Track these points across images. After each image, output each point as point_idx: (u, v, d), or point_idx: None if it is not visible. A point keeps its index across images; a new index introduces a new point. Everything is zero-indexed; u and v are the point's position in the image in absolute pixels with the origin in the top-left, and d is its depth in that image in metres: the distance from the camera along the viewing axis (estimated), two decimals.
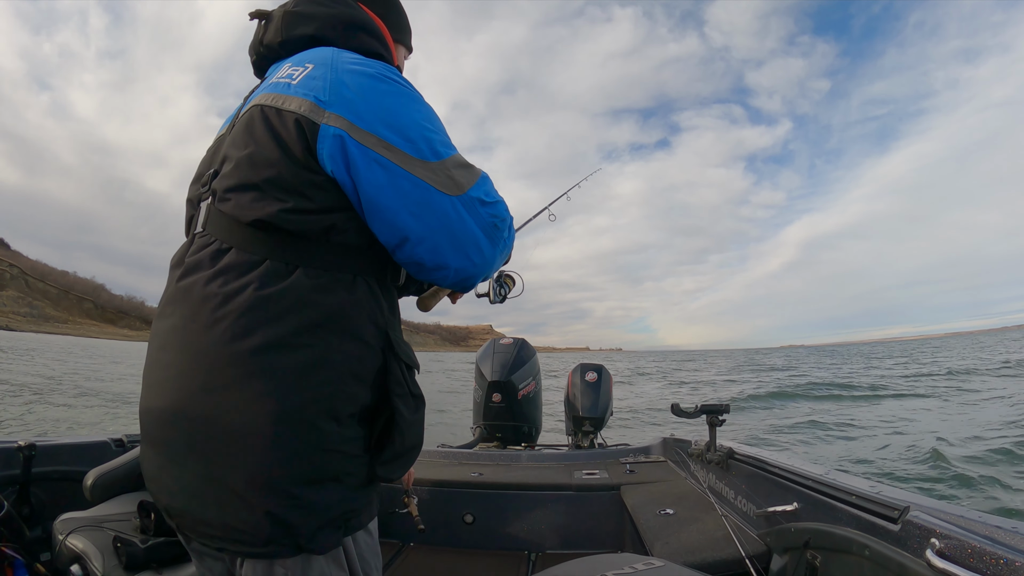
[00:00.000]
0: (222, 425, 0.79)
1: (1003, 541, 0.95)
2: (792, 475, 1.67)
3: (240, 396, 0.79)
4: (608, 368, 3.68)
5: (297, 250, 0.86)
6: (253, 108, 0.91)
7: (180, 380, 0.83)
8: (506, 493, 2.47)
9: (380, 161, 0.85)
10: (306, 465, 0.81)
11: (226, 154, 0.92)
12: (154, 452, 0.88)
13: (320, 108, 0.86)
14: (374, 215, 0.88)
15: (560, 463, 2.84)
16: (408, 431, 0.92)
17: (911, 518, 1.13)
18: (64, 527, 1.62)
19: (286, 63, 0.96)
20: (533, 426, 3.68)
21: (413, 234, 0.89)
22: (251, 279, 0.83)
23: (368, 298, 0.91)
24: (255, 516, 0.80)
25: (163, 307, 0.91)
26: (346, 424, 0.86)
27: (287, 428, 0.80)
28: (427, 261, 0.92)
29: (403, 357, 0.94)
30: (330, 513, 0.85)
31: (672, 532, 1.81)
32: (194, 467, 0.82)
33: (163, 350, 0.87)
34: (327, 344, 0.84)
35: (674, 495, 2.23)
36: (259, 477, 0.79)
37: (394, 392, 0.91)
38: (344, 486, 0.86)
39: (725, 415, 2.17)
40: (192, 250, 0.91)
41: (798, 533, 1.50)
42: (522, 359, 3.65)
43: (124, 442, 2.33)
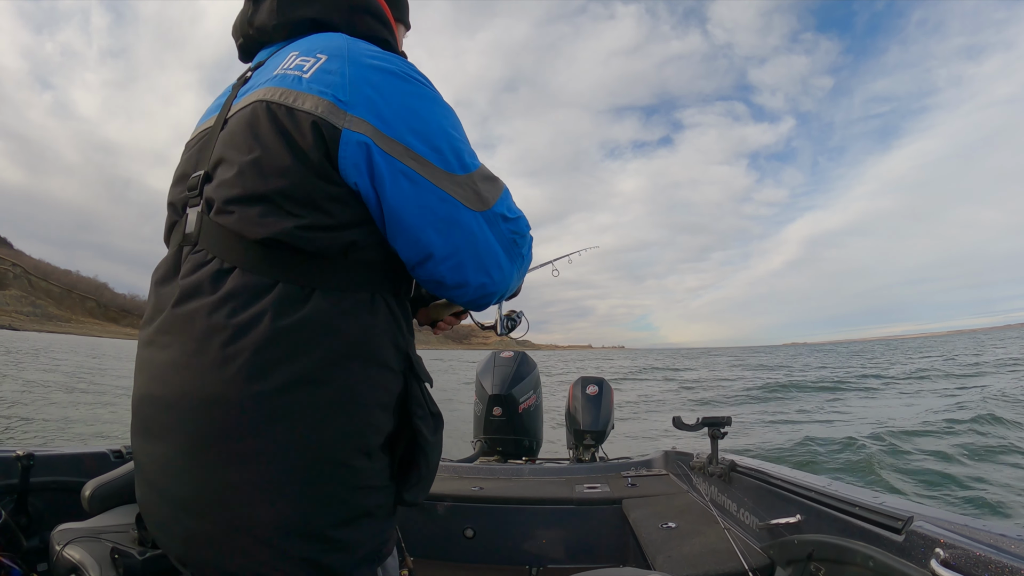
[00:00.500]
0: (246, 474, 0.73)
1: (1008, 549, 0.94)
2: (795, 487, 1.66)
3: (264, 442, 0.72)
4: (608, 382, 3.67)
5: (313, 270, 0.78)
6: (256, 104, 0.81)
7: (191, 425, 0.74)
8: (507, 507, 2.45)
9: (407, 173, 0.78)
10: (341, 506, 0.77)
11: (222, 155, 0.82)
12: (161, 500, 0.79)
13: (340, 110, 0.76)
14: (397, 231, 0.81)
15: (561, 477, 2.81)
16: (431, 453, 0.88)
17: (915, 528, 1.12)
18: (62, 537, 1.61)
19: (291, 51, 0.85)
20: (534, 440, 3.66)
21: (438, 252, 0.82)
22: (264, 307, 0.75)
23: (388, 318, 0.84)
24: (290, 564, 0.74)
25: (155, 335, 0.81)
26: (376, 457, 0.81)
27: (319, 471, 0.75)
28: (448, 279, 0.86)
29: (422, 376, 0.89)
30: (365, 549, 0.81)
31: (674, 546, 1.80)
32: (214, 517, 0.74)
33: (162, 385, 0.78)
34: (353, 375, 0.78)
35: (676, 508, 2.21)
36: (292, 524, 0.74)
37: (415, 415, 0.86)
38: (376, 519, 0.82)
39: (727, 428, 2.16)
40: (186, 269, 0.81)
41: (801, 545, 1.49)
42: (523, 373, 3.64)
43: (123, 453, 2.32)
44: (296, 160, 0.76)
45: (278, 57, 0.87)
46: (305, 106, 0.77)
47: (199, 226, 0.82)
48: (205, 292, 0.77)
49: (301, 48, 0.85)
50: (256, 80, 0.87)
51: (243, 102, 0.85)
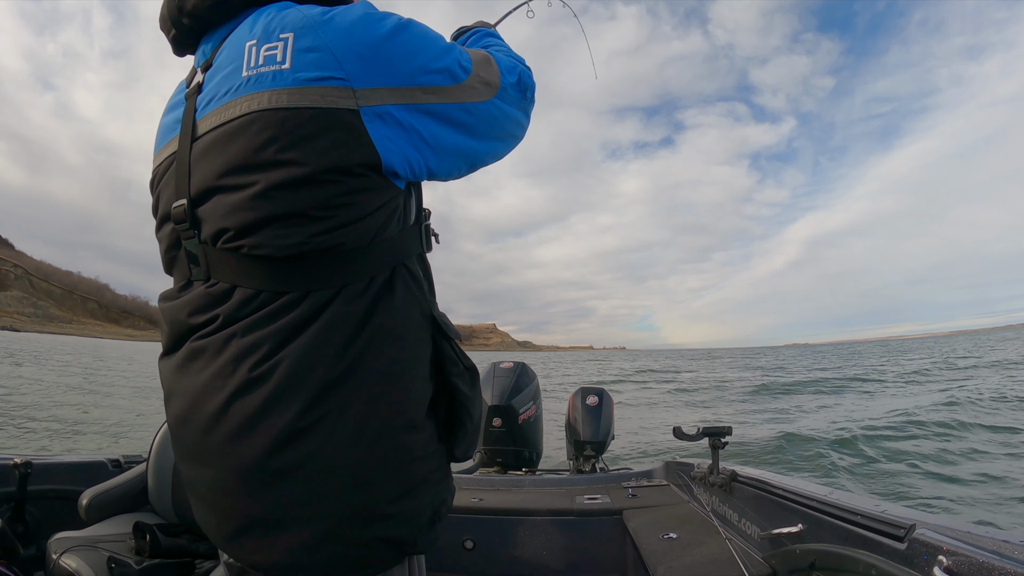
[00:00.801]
0: (299, 482, 0.74)
1: (1010, 555, 0.94)
2: (796, 496, 1.65)
3: (313, 446, 0.74)
4: (609, 394, 3.67)
5: (341, 268, 0.76)
6: (245, 118, 0.73)
7: (235, 446, 0.75)
8: (507, 519, 2.43)
9: (428, 110, 0.78)
10: (399, 482, 0.79)
11: (215, 183, 0.75)
12: (222, 519, 0.80)
13: (347, 88, 0.72)
14: (441, 159, 0.82)
15: (561, 488, 2.80)
16: (473, 408, 0.90)
17: (917, 536, 1.12)
18: (58, 546, 1.60)
19: (245, 42, 0.77)
20: (534, 451, 3.64)
21: (475, 153, 0.86)
22: (294, 320, 0.74)
23: (410, 287, 0.84)
24: (358, 546, 0.78)
25: (184, 362, 0.80)
26: (422, 426, 0.83)
27: (371, 460, 0.77)
28: (488, 163, 0.91)
29: (450, 334, 0.89)
30: (427, 514, 0.84)
31: (675, 557, 1.78)
32: (273, 523, 0.76)
33: (200, 410, 0.77)
34: (387, 359, 0.78)
35: (677, 519, 2.20)
36: (355, 511, 0.77)
37: (451, 373, 0.87)
38: (432, 484, 0.85)
39: (727, 437, 2.15)
40: (203, 302, 0.79)
41: (803, 554, 1.48)
42: (522, 383, 3.64)
43: (120, 462, 2.31)
44: (317, 168, 0.71)
45: (231, 51, 0.79)
46: (306, 101, 0.71)
47: (205, 259, 0.79)
48: (230, 319, 0.76)
49: (256, 35, 0.77)
50: (216, 86, 0.79)
51: (216, 117, 0.77)
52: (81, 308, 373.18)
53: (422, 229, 0.89)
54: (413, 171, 0.80)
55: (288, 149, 0.71)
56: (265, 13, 0.79)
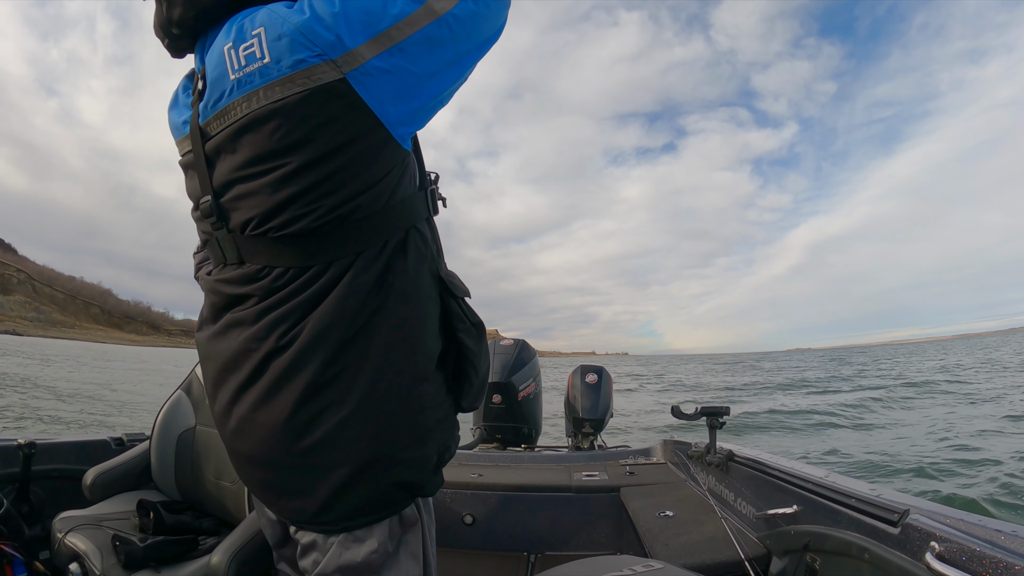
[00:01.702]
0: (322, 430, 0.82)
1: (1003, 544, 0.95)
2: (792, 477, 1.67)
3: (333, 397, 0.81)
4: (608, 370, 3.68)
5: (360, 235, 0.82)
6: (250, 118, 0.78)
7: (264, 400, 0.83)
8: (506, 494, 2.47)
9: (409, 42, 0.76)
10: (409, 432, 0.87)
11: (231, 179, 0.83)
12: (253, 467, 0.90)
13: (327, 63, 0.74)
14: (433, 82, 0.81)
15: (560, 464, 2.83)
16: (479, 363, 0.97)
17: (911, 521, 1.13)
18: (63, 525, 1.62)
19: (224, 46, 0.81)
20: (533, 427, 3.67)
21: (468, 55, 0.83)
22: (319, 289, 0.81)
23: (421, 248, 0.89)
24: (378, 490, 0.85)
25: (223, 328, 0.88)
26: (432, 379, 0.90)
27: (386, 411, 0.84)
28: (487, 49, 0.87)
29: (457, 293, 0.94)
30: (434, 459, 0.91)
31: (672, 534, 1.81)
32: (302, 473, 0.85)
33: (232, 371, 0.87)
34: (398, 317, 0.85)
35: (674, 497, 2.22)
36: (373, 458, 0.84)
37: (458, 329, 0.93)
38: (440, 431, 0.92)
39: (725, 417, 2.17)
40: (238, 277, 0.86)
41: (798, 536, 1.50)
42: (522, 360, 3.65)
43: (124, 441, 2.33)
44: (323, 144, 0.76)
45: (215, 57, 0.83)
46: (297, 87, 0.75)
47: (236, 246, 0.86)
48: (265, 294, 0.84)
49: (231, 38, 0.80)
50: (211, 92, 0.83)
51: (219, 121, 0.82)
52: (84, 313, 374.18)
53: (427, 193, 0.94)
54: (416, 109, 0.82)
55: (293, 134, 0.76)
56: (239, 16, 0.83)
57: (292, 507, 0.88)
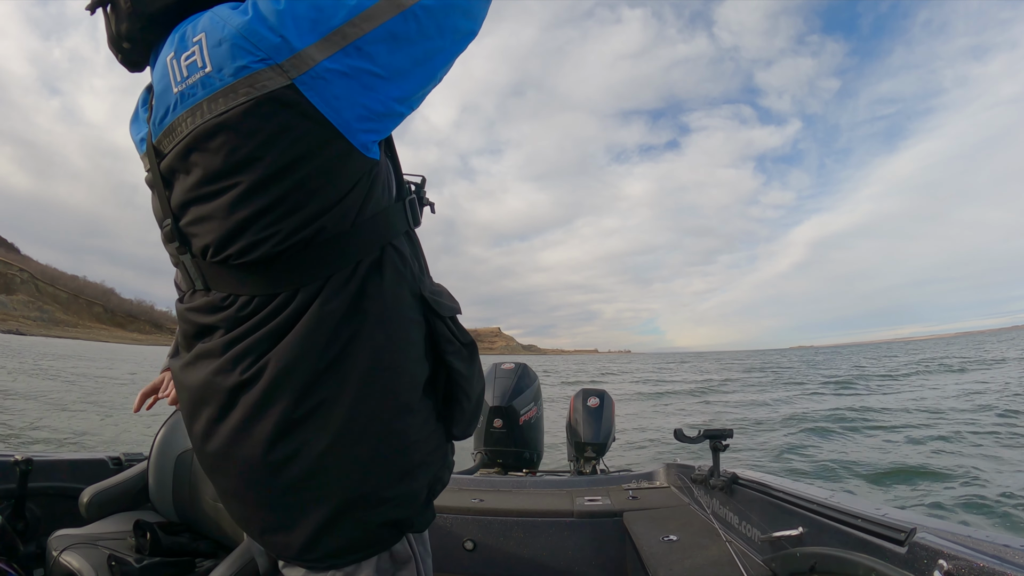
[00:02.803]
0: (299, 467, 0.76)
1: (1011, 560, 0.93)
2: (797, 499, 1.65)
3: (309, 433, 0.76)
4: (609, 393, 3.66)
5: (327, 257, 0.75)
6: (195, 134, 0.71)
7: (236, 436, 0.78)
8: (507, 520, 2.43)
9: (368, 39, 0.67)
10: (394, 468, 0.81)
11: (184, 202, 0.77)
12: (234, 501, 0.84)
13: (272, 68, 0.66)
14: (404, 78, 0.72)
15: (562, 489, 2.79)
16: (470, 387, 0.89)
17: (918, 540, 1.11)
18: (58, 543, 1.60)
19: (166, 57, 0.74)
20: (535, 452, 3.64)
21: (440, 52, 0.73)
22: (286, 319, 0.75)
23: (399, 266, 0.82)
24: (364, 529, 0.80)
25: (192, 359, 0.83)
26: (418, 409, 0.83)
27: (369, 443, 0.78)
28: (461, 50, 0.76)
29: (443, 312, 0.86)
30: (424, 494, 0.85)
31: (676, 559, 1.78)
32: (280, 509, 0.80)
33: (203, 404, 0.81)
34: (375, 345, 0.78)
35: (678, 521, 2.19)
36: (357, 497, 0.78)
37: (446, 351, 0.86)
38: (429, 465, 0.86)
39: (728, 440, 2.15)
40: (204, 306, 0.81)
41: (804, 558, 1.47)
42: (523, 385, 3.64)
43: (121, 460, 2.32)
44: (274, 160, 0.69)
45: (159, 70, 0.77)
46: (239, 98, 0.68)
47: (200, 272, 0.81)
48: (231, 324, 0.78)
49: (173, 46, 0.74)
50: (157, 108, 0.77)
51: (169, 139, 0.76)
52: (87, 312, 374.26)
53: (406, 204, 0.86)
54: (378, 113, 0.72)
55: (241, 150, 0.69)
56: (183, 24, 0.75)
57: (276, 542, 0.82)
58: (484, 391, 0.94)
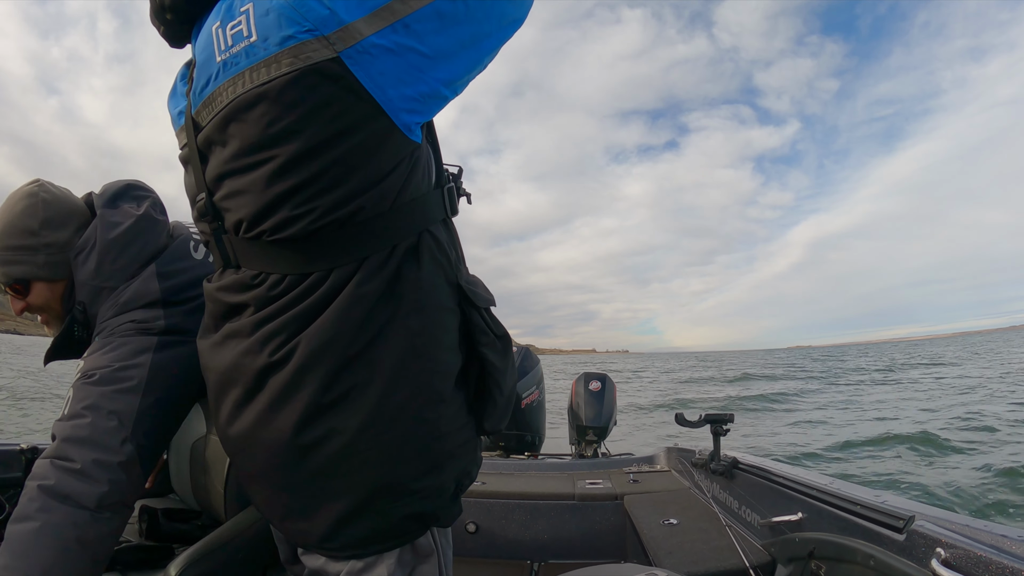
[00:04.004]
0: (326, 453, 0.75)
1: (1009, 550, 0.93)
2: (797, 485, 1.65)
3: (336, 420, 0.74)
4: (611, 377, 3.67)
5: (363, 238, 0.74)
6: (235, 104, 0.71)
7: (264, 419, 0.77)
8: (509, 502, 2.46)
9: (415, 18, 0.66)
10: (425, 457, 0.79)
11: (220, 173, 0.76)
12: (257, 485, 0.84)
13: (319, 39, 0.65)
14: (448, 61, 0.71)
15: (563, 472, 2.82)
16: (503, 380, 0.86)
17: (916, 527, 1.11)
18: None
19: (212, 26, 0.73)
20: (536, 435, 3.66)
21: (487, 37, 0.72)
22: (318, 299, 0.73)
23: (436, 253, 0.80)
24: (388, 521, 0.78)
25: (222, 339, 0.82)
26: (450, 400, 0.81)
27: (398, 432, 0.76)
28: (507, 37, 0.75)
29: (479, 302, 0.84)
30: (451, 488, 0.83)
31: (676, 542, 1.79)
32: (304, 495, 0.78)
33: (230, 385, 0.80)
34: (410, 331, 0.76)
35: (678, 505, 2.21)
36: (383, 486, 0.77)
37: (480, 342, 0.83)
38: (459, 458, 0.83)
39: (729, 424, 2.15)
40: (234, 284, 0.80)
41: (802, 543, 1.48)
42: (525, 368, 3.64)
43: None
44: (315, 133, 0.68)
45: (203, 40, 0.76)
46: (283, 68, 0.66)
47: (231, 248, 0.80)
48: (261, 303, 0.77)
49: (220, 16, 0.73)
50: (199, 78, 0.77)
51: (208, 110, 0.75)
52: None
53: (444, 192, 0.84)
54: (423, 95, 0.72)
55: (281, 122, 0.68)
56: None
57: (296, 529, 0.82)
58: (516, 385, 0.91)
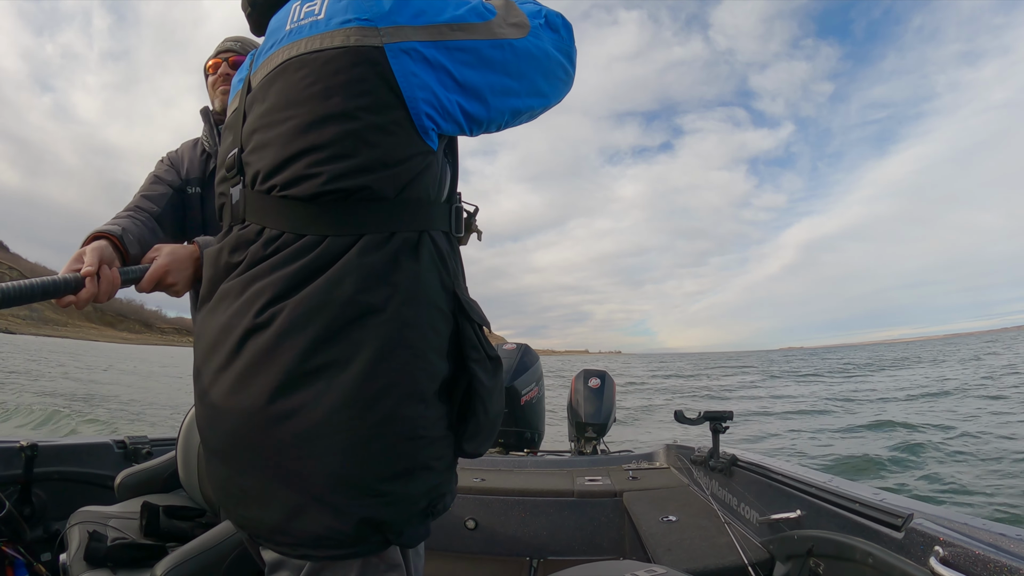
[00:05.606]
0: (293, 429, 0.72)
1: (1007, 548, 0.94)
2: (795, 482, 1.65)
3: (308, 394, 0.72)
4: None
5: (362, 217, 0.77)
6: (281, 66, 0.80)
7: (241, 384, 0.76)
8: (509, 499, 2.46)
9: (457, 46, 0.78)
10: (395, 458, 0.75)
11: (254, 127, 0.82)
12: (218, 461, 0.82)
13: (372, 28, 0.75)
14: (478, 100, 0.81)
15: (563, 469, 2.82)
16: (490, 400, 0.84)
17: (915, 525, 1.12)
18: (75, 518, 1.63)
19: (294, 4, 0.84)
20: (536, 432, 3.66)
21: (514, 93, 0.84)
22: (307, 263, 0.75)
23: (434, 257, 0.81)
24: (343, 521, 0.73)
25: (213, 304, 0.83)
26: (431, 404, 0.78)
27: (367, 422, 0.73)
28: (537, 108, 0.89)
29: (474, 317, 0.84)
30: (421, 504, 0.79)
31: (675, 539, 1.80)
32: (263, 476, 0.76)
33: (215, 351, 0.80)
34: (399, 319, 0.75)
35: (677, 502, 2.21)
36: (344, 479, 0.73)
37: (470, 358, 0.82)
38: (434, 472, 0.79)
39: (728, 422, 2.16)
40: (234, 242, 0.82)
41: (801, 540, 1.49)
42: (525, 365, 3.64)
43: (126, 443, 2.34)
44: (341, 103, 0.75)
45: (281, 14, 0.87)
46: (335, 42, 0.76)
47: (243, 202, 0.84)
48: (254, 260, 0.79)
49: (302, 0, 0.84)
50: (266, 43, 0.88)
51: (264, 69, 0.85)
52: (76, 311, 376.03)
53: (452, 209, 0.88)
54: (444, 109, 0.79)
55: (317, 85, 0.76)
56: None
57: (249, 516, 0.79)
58: (503, 412, 0.89)
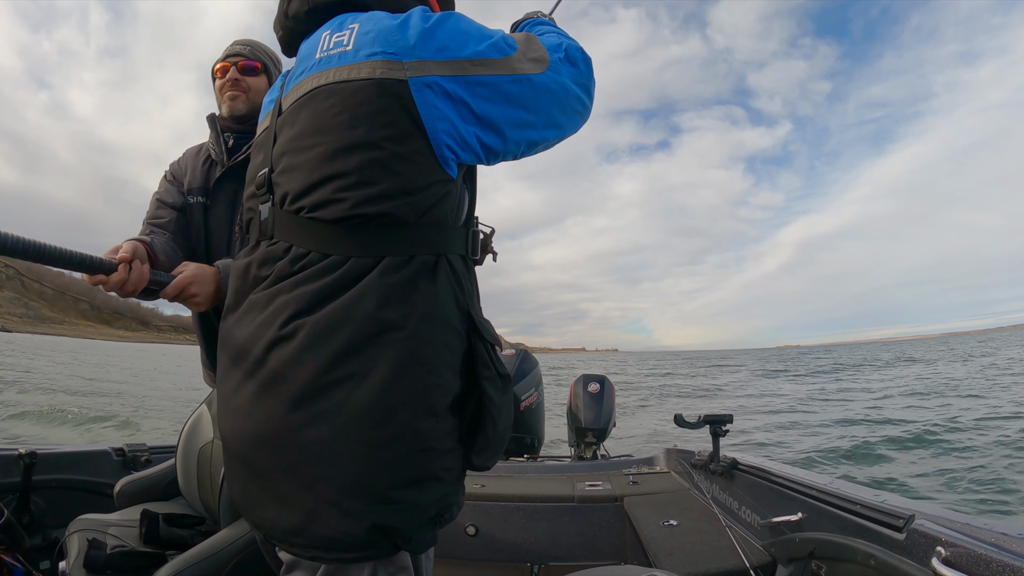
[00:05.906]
0: (312, 437, 0.77)
1: (1009, 548, 0.94)
2: (796, 485, 1.66)
3: (330, 404, 0.77)
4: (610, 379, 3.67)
5: (384, 240, 0.81)
6: (311, 93, 0.85)
7: (263, 391, 0.80)
8: (509, 505, 2.45)
9: (478, 81, 0.82)
10: (407, 468, 0.79)
11: (284, 150, 0.87)
12: (239, 464, 0.86)
13: (397, 62, 0.81)
14: (495, 133, 0.86)
15: (563, 475, 2.81)
16: (499, 416, 0.88)
17: (916, 527, 1.12)
18: (75, 526, 1.62)
19: (324, 32, 0.90)
20: (535, 437, 3.66)
21: (530, 126, 0.88)
22: (330, 282, 0.79)
23: (450, 279, 0.86)
24: (355, 526, 0.77)
25: (240, 315, 0.88)
26: (443, 418, 0.82)
27: (382, 432, 0.77)
28: (552, 140, 0.93)
29: (487, 336, 0.89)
30: (430, 512, 0.83)
31: (676, 543, 1.79)
32: (281, 480, 0.80)
33: (240, 359, 0.85)
34: (415, 337, 0.79)
35: (678, 506, 2.21)
36: (358, 486, 0.77)
37: (482, 375, 0.86)
38: (443, 483, 0.83)
39: (728, 425, 2.16)
40: (262, 257, 0.87)
41: (803, 543, 1.49)
42: (523, 370, 3.64)
43: (125, 451, 2.32)
44: (365, 132, 0.80)
45: (311, 42, 0.92)
46: (362, 74, 0.81)
47: (272, 219, 0.88)
48: (280, 276, 0.83)
49: (332, 27, 0.89)
50: (296, 69, 0.93)
51: (294, 95, 0.89)
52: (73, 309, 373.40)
53: (469, 233, 0.92)
54: (463, 140, 0.84)
55: (344, 114, 0.81)
56: (352, 15, 0.91)
57: (266, 518, 0.82)
58: (511, 427, 0.94)
